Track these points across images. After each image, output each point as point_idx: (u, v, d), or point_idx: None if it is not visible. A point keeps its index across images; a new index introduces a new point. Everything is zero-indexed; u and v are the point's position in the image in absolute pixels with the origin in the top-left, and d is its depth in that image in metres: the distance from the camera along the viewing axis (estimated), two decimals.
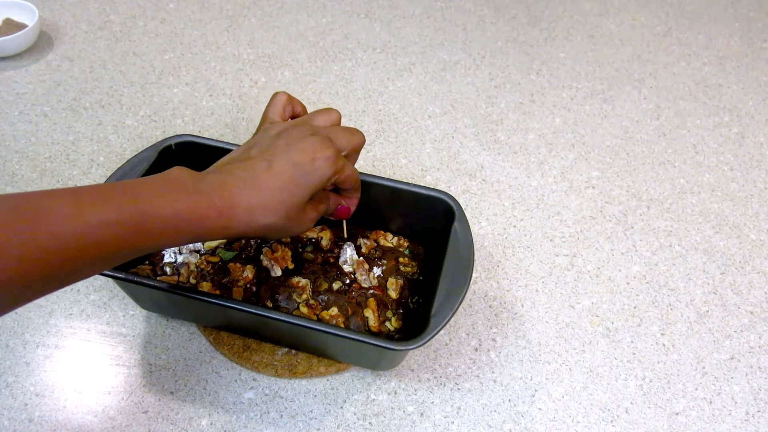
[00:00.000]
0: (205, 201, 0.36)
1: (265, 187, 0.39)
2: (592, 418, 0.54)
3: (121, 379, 0.54)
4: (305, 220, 0.43)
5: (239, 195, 0.38)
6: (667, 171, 0.77)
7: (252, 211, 0.38)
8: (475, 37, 0.96)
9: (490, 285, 0.63)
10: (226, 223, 0.37)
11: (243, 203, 0.38)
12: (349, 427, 0.52)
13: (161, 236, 0.35)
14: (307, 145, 0.41)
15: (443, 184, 0.73)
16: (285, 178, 0.39)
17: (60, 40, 0.87)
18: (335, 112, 0.47)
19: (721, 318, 0.62)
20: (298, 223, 0.42)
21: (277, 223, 0.40)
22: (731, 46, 0.99)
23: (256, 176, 0.39)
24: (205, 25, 0.92)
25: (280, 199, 0.39)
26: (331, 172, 0.41)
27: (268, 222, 0.39)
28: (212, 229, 0.37)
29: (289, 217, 0.40)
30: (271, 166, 0.39)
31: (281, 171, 0.39)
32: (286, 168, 0.39)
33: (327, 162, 0.41)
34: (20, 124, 0.75)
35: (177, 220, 0.35)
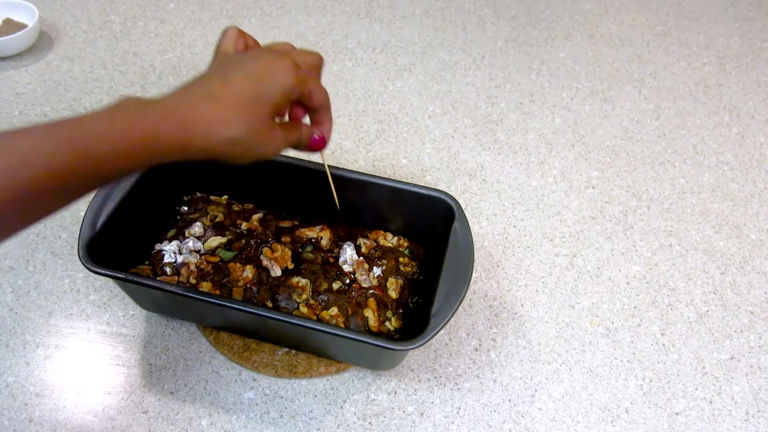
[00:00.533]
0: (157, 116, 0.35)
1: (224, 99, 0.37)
2: (592, 418, 0.54)
3: (121, 379, 0.54)
4: (273, 140, 0.40)
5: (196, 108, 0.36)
6: (667, 171, 0.77)
7: (211, 123, 0.36)
8: (475, 37, 0.96)
9: (490, 285, 0.63)
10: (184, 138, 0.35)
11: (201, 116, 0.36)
12: (349, 427, 0.52)
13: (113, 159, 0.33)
14: (263, 57, 0.39)
15: (443, 184, 0.73)
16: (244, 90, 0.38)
17: (60, 40, 0.87)
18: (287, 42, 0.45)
19: (721, 318, 0.62)
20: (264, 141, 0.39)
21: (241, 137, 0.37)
22: (731, 46, 0.99)
23: (213, 89, 0.37)
24: (205, 25, 0.92)
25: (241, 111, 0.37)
26: (292, 82, 0.39)
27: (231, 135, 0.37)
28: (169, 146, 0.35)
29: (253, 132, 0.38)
30: (228, 79, 0.38)
31: (239, 83, 0.38)
32: (244, 80, 0.38)
33: (285, 72, 0.39)
34: (20, 124, 0.75)
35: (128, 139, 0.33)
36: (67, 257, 0.62)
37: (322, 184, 0.58)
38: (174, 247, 0.56)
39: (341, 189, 0.58)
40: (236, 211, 0.61)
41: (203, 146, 0.37)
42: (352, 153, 0.75)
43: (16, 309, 0.58)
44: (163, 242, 0.57)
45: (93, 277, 0.60)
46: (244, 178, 0.60)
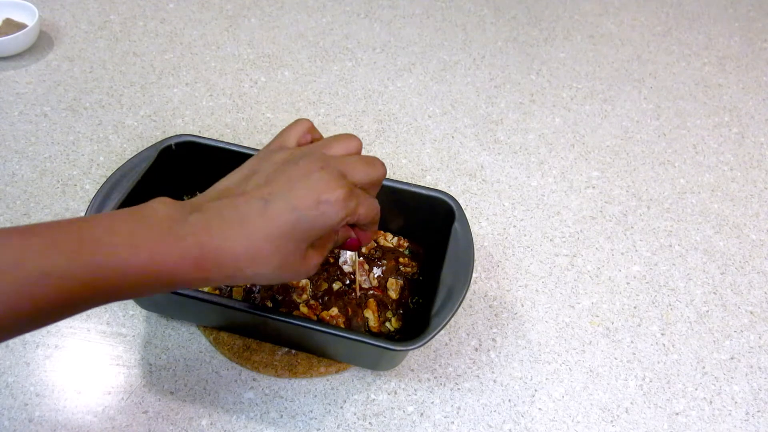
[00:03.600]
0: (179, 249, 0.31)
1: (257, 234, 0.33)
2: (592, 418, 0.54)
3: (121, 379, 0.54)
4: (305, 268, 0.36)
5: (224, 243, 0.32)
6: (667, 171, 0.77)
7: (237, 260, 0.33)
8: (475, 37, 0.96)
9: (490, 285, 0.63)
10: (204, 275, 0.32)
11: (227, 252, 0.32)
12: (349, 427, 0.52)
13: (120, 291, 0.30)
14: (313, 183, 0.34)
15: (443, 184, 0.73)
16: (282, 225, 0.33)
17: (60, 40, 0.87)
18: (354, 140, 0.39)
19: (721, 318, 0.62)
20: (295, 272, 0.36)
21: (269, 273, 0.34)
22: (731, 46, 0.99)
23: (248, 219, 0.33)
24: (205, 25, 0.92)
25: (274, 248, 0.33)
26: (340, 217, 0.34)
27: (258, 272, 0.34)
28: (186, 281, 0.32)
29: (283, 267, 0.34)
30: (267, 209, 0.33)
31: (278, 215, 0.33)
32: (285, 213, 0.33)
33: (335, 206, 0.34)
34: (20, 124, 0.75)
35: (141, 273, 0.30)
36: None
37: None
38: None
39: None
40: None
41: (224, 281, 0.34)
42: None
43: None
44: None
45: None
46: None
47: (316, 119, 0.79)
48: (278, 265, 0.34)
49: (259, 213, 0.33)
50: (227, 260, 0.32)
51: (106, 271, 0.29)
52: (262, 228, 0.33)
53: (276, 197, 0.34)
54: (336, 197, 0.34)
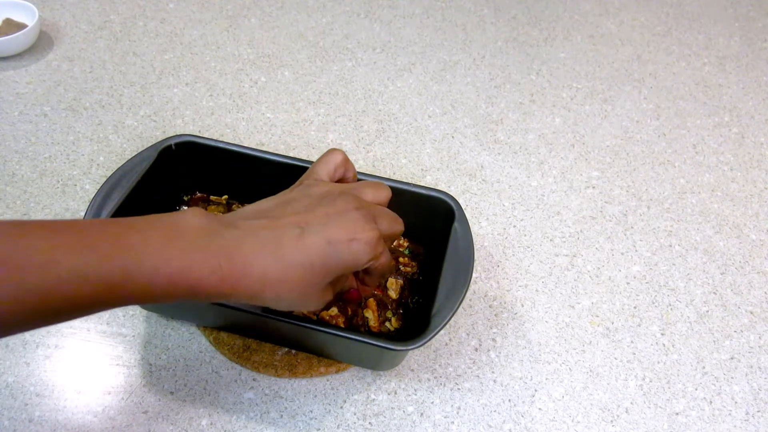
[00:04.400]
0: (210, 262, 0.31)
1: (289, 259, 0.33)
2: (592, 418, 0.54)
3: (121, 379, 0.54)
4: (320, 301, 0.37)
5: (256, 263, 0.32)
6: (667, 171, 0.77)
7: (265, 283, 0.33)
8: (475, 37, 0.96)
9: (490, 285, 0.63)
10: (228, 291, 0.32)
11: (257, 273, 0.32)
12: (349, 427, 0.52)
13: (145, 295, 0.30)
14: (349, 221, 0.35)
15: (443, 184, 0.73)
16: (314, 255, 0.34)
17: (60, 40, 0.87)
18: (386, 190, 0.41)
19: (721, 318, 0.62)
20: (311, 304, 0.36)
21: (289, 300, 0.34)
22: (731, 46, 0.99)
23: (283, 243, 0.33)
24: (205, 25, 0.92)
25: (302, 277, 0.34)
26: (367, 258, 0.35)
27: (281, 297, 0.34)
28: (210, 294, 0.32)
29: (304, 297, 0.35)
30: (303, 237, 0.34)
31: (313, 245, 0.34)
32: (320, 243, 0.34)
33: (366, 246, 0.35)
34: (20, 124, 0.75)
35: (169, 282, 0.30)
36: None
37: None
38: None
39: None
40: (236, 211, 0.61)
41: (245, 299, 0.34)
42: (352, 153, 0.75)
43: None
44: None
45: None
46: (244, 179, 0.60)
47: (316, 119, 0.79)
48: (300, 294, 0.34)
49: (295, 240, 0.34)
50: (254, 280, 0.32)
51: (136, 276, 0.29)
52: (296, 255, 0.33)
53: (312, 228, 0.34)
54: (368, 238, 0.35)
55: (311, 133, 0.78)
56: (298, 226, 0.34)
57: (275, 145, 0.76)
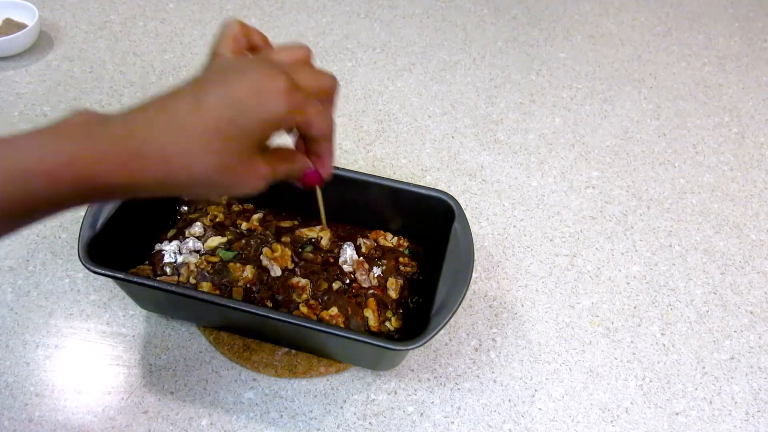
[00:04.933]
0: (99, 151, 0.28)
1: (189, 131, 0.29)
2: (592, 418, 0.54)
3: (121, 379, 0.54)
4: (252, 177, 0.33)
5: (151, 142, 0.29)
6: (667, 171, 0.77)
7: (169, 162, 0.29)
8: (475, 37, 0.96)
9: (490, 285, 0.63)
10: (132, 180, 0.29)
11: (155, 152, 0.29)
12: (349, 427, 0.52)
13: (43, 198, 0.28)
14: (251, 76, 0.31)
15: (443, 184, 0.73)
16: (218, 119, 0.30)
17: (60, 40, 0.87)
18: (303, 48, 0.35)
19: (721, 318, 0.62)
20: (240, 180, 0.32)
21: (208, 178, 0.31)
22: (731, 46, 0.99)
23: (179, 116, 0.30)
24: (205, 25, 0.92)
25: (210, 147, 0.30)
26: (284, 109, 0.31)
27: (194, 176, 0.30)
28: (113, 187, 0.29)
29: (225, 171, 0.31)
30: (200, 104, 0.30)
31: (213, 109, 0.30)
32: (220, 105, 0.30)
33: (277, 96, 0.31)
34: (20, 124, 0.75)
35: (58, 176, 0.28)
36: (67, 257, 0.62)
37: None
38: (174, 247, 0.56)
39: (341, 189, 0.58)
40: (236, 211, 0.61)
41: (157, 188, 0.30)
42: (352, 153, 0.75)
43: (16, 309, 0.58)
44: (163, 242, 0.57)
45: (93, 277, 0.60)
46: None
47: None
48: (217, 168, 0.31)
49: (191, 109, 0.30)
50: (155, 160, 0.29)
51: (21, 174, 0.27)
52: (195, 124, 0.30)
53: (210, 93, 0.30)
54: (277, 87, 0.31)
55: None
56: (194, 95, 0.31)
57: None
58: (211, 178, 0.31)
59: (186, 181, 0.31)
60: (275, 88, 0.31)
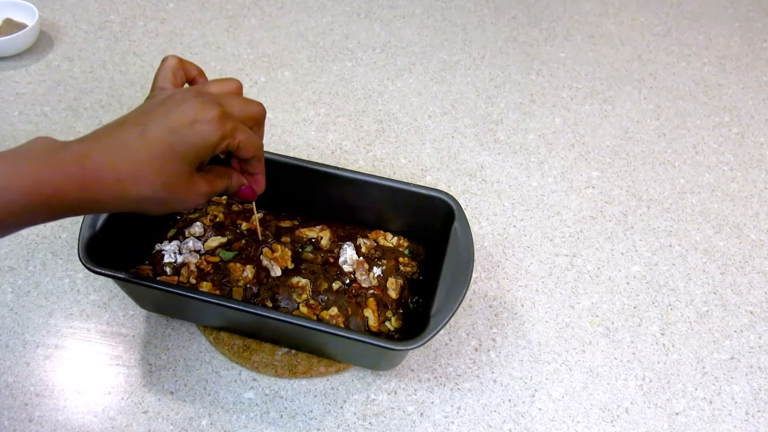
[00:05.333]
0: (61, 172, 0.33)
1: (137, 155, 0.35)
2: (592, 418, 0.54)
3: (121, 379, 0.54)
4: (193, 194, 0.38)
5: (105, 164, 0.34)
6: (667, 171, 0.77)
7: (121, 182, 0.34)
8: (475, 37, 0.96)
9: (490, 285, 0.63)
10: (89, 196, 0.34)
11: (110, 174, 0.34)
12: (349, 427, 0.52)
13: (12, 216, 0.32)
14: (188, 106, 0.37)
15: (443, 184, 0.73)
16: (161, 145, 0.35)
17: (60, 40, 0.87)
18: (233, 81, 0.42)
19: (721, 318, 0.62)
20: (183, 196, 0.38)
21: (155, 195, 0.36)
22: (731, 46, 0.99)
23: (128, 143, 0.35)
24: (205, 25, 0.92)
25: (156, 168, 0.35)
26: (217, 136, 0.37)
27: (143, 194, 0.35)
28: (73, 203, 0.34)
29: (169, 189, 0.36)
30: (145, 132, 0.35)
31: (156, 137, 0.35)
32: (162, 133, 0.35)
33: (210, 125, 0.36)
34: (20, 124, 0.75)
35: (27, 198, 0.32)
36: (67, 257, 0.62)
37: (322, 184, 0.58)
38: (174, 247, 0.56)
39: (342, 189, 0.58)
40: (236, 211, 0.61)
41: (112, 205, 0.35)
42: (352, 153, 0.75)
43: (16, 309, 0.58)
44: (163, 242, 0.57)
45: (93, 277, 0.60)
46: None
47: (316, 119, 0.79)
48: (162, 186, 0.36)
49: (138, 136, 0.35)
50: (110, 180, 0.34)
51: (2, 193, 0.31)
52: (142, 149, 0.35)
53: (153, 122, 0.36)
54: (211, 116, 0.36)
55: (311, 133, 0.78)
56: (140, 124, 0.36)
57: (275, 145, 0.76)
58: (158, 196, 0.36)
59: (136, 198, 0.36)
60: (209, 116, 0.36)
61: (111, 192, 0.34)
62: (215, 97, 0.39)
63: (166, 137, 0.35)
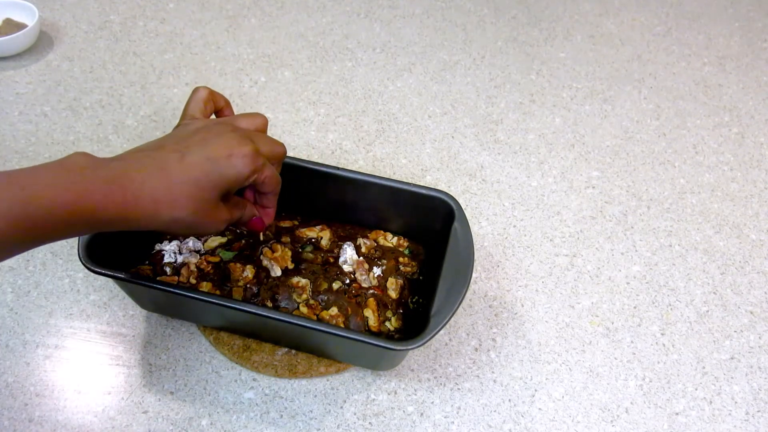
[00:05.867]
0: (102, 189, 0.34)
1: (175, 180, 0.36)
2: (592, 418, 0.54)
3: (121, 379, 0.54)
4: (217, 221, 0.40)
5: (144, 185, 0.36)
6: (667, 171, 0.77)
7: (157, 204, 0.36)
8: (475, 37, 0.96)
9: (490, 285, 0.63)
10: (126, 215, 0.35)
11: (147, 195, 0.36)
12: (349, 427, 0.52)
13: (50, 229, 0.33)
14: (226, 140, 0.39)
15: (443, 184, 0.73)
16: (198, 172, 0.37)
17: (60, 40, 0.87)
18: (261, 117, 0.45)
19: (721, 318, 0.62)
20: (208, 222, 0.40)
21: (185, 219, 0.37)
22: (731, 46, 0.99)
23: (167, 167, 0.37)
24: (205, 25, 0.92)
25: (190, 194, 0.37)
26: (250, 170, 0.39)
27: (175, 217, 0.37)
28: (110, 221, 0.35)
29: (198, 214, 0.38)
30: (184, 158, 0.37)
31: (194, 164, 0.37)
32: (200, 161, 0.37)
33: (245, 159, 0.39)
34: (20, 124, 0.75)
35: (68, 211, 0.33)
36: (67, 257, 0.62)
37: (322, 184, 0.58)
38: (174, 247, 0.56)
39: (342, 189, 0.58)
40: None
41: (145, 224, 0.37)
42: (352, 153, 0.75)
43: (16, 309, 0.58)
44: (163, 242, 0.57)
45: (93, 277, 0.60)
46: None
47: (316, 119, 0.79)
48: (193, 212, 0.38)
49: (177, 162, 0.37)
50: (147, 202, 0.36)
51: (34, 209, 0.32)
52: (180, 175, 0.37)
53: (192, 150, 0.38)
54: (246, 152, 0.39)
55: (311, 133, 0.78)
56: (179, 151, 0.38)
57: None
58: (187, 219, 0.38)
59: (168, 220, 0.37)
60: (244, 152, 0.39)
61: (145, 213, 0.36)
62: (248, 133, 0.42)
63: (204, 166, 0.37)
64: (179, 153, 0.38)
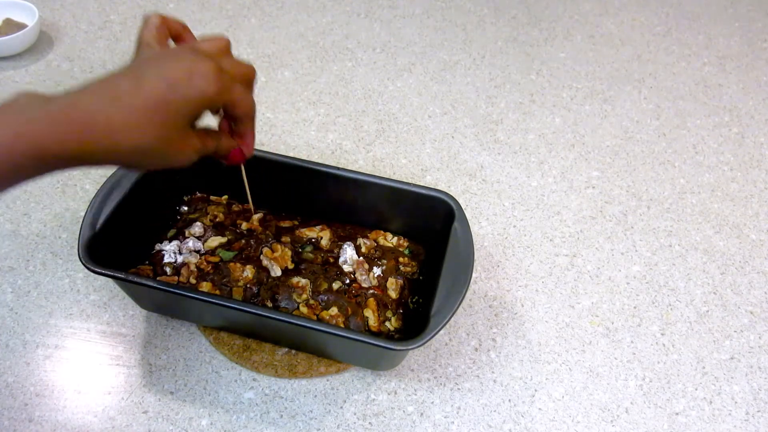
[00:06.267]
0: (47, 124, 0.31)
1: (131, 104, 0.33)
2: (592, 418, 0.54)
3: (121, 379, 0.54)
4: (186, 149, 0.37)
5: (96, 115, 0.33)
6: (667, 171, 0.77)
7: (114, 133, 0.33)
8: (475, 37, 0.96)
9: (490, 285, 0.63)
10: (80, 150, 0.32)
11: (101, 124, 0.33)
12: (349, 427, 0.52)
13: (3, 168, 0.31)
14: (183, 60, 0.35)
15: (443, 184, 0.73)
16: (156, 95, 0.34)
17: (60, 40, 0.87)
18: (223, 39, 0.40)
19: (721, 318, 0.62)
20: (176, 151, 0.37)
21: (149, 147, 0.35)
22: (731, 46, 0.99)
23: (121, 93, 0.33)
24: (205, 25, 0.92)
25: (150, 120, 0.34)
26: (214, 90, 0.36)
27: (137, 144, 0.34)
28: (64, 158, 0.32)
29: (163, 140, 0.35)
30: (140, 83, 0.34)
31: (151, 88, 0.34)
32: (158, 84, 0.34)
33: (207, 78, 0.35)
34: None
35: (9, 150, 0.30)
36: (67, 257, 0.62)
37: (322, 184, 0.58)
38: (174, 247, 0.56)
39: (342, 189, 0.58)
40: (236, 211, 0.61)
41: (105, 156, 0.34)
42: (352, 153, 0.75)
43: (16, 309, 0.58)
44: (163, 242, 0.57)
45: (93, 277, 0.60)
46: None
47: (316, 119, 0.79)
48: (155, 138, 0.34)
49: (132, 87, 0.34)
50: (101, 132, 0.33)
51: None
52: (136, 99, 0.34)
53: (148, 74, 0.35)
54: (207, 70, 0.35)
55: (311, 133, 0.78)
56: (134, 76, 0.35)
57: (275, 145, 0.76)
58: (151, 148, 0.35)
59: (129, 149, 0.34)
60: (206, 70, 0.35)
61: (103, 143, 0.33)
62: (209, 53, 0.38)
63: (162, 88, 0.34)
64: (134, 79, 0.34)
